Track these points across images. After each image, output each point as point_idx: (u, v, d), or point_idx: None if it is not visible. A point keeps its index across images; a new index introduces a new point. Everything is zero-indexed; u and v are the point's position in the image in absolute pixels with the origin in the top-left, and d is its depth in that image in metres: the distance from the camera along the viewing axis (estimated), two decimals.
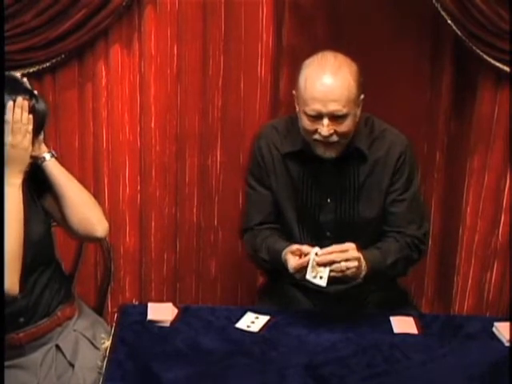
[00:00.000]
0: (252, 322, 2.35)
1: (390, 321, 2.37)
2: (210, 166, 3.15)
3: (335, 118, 2.32)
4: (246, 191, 2.64)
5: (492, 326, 2.34)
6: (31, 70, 2.86)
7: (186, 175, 3.16)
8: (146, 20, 2.93)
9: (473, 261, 3.10)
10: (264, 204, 2.57)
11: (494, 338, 2.31)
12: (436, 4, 2.75)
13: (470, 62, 2.91)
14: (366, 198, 2.49)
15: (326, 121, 2.33)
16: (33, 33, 2.79)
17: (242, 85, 3.05)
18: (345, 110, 2.32)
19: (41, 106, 2.15)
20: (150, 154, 3.10)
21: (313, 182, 2.51)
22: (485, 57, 2.79)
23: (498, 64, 2.79)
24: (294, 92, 2.43)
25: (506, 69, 2.79)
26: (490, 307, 3.15)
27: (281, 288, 2.63)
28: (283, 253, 2.36)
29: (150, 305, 2.39)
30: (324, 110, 2.31)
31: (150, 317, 2.33)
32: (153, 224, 3.19)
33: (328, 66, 2.33)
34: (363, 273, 2.34)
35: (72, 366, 2.20)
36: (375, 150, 2.47)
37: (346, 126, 2.35)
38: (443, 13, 2.76)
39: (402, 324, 2.36)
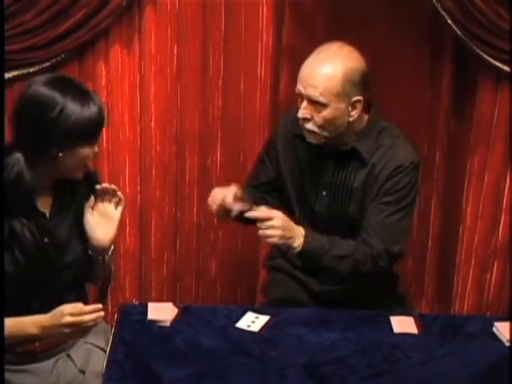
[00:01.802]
0: (252, 321, 2.35)
1: (390, 320, 2.37)
2: (210, 165, 3.16)
3: (313, 103, 2.35)
4: (258, 157, 2.71)
5: (492, 325, 2.34)
6: (31, 70, 2.85)
7: (186, 175, 3.16)
8: (146, 20, 2.93)
9: (473, 261, 3.09)
10: (266, 172, 2.63)
11: (494, 337, 2.31)
12: (436, 4, 2.75)
13: (470, 62, 2.91)
14: (358, 201, 2.49)
15: (304, 103, 2.37)
16: (33, 32, 2.79)
17: (242, 85, 3.05)
18: (322, 99, 2.33)
19: (92, 110, 2.02)
20: (150, 154, 3.10)
21: (314, 170, 2.53)
22: (485, 56, 2.79)
23: (498, 64, 2.79)
24: None
25: (506, 68, 2.79)
26: (490, 307, 3.15)
27: (282, 285, 2.65)
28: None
29: (150, 304, 2.39)
30: (303, 91, 2.36)
31: (150, 316, 2.33)
32: (153, 224, 3.19)
33: (323, 54, 2.37)
34: (295, 244, 2.35)
35: (82, 372, 2.20)
36: (377, 158, 2.45)
37: (322, 117, 2.36)
38: (443, 13, 2.75)
39: (402, 324, 2.36)
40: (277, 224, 2.30)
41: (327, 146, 2.46)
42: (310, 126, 2.39)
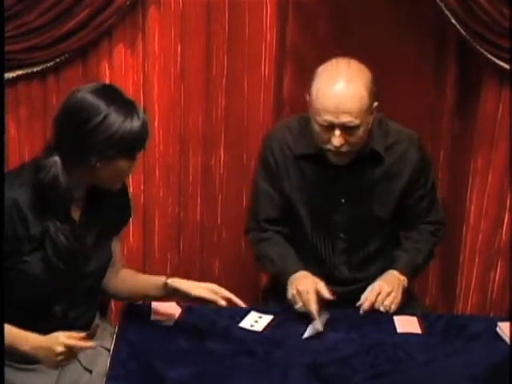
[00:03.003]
0: (256, 321, 2.35)
1: (393, 320, 2.37)
2: (214, 165, 3.16)
3: (347, 128, 2.30)
4: (255, 191, 2.63)
5: (496, 325, 2.34)
6: (35, 70, 2.86)
7: (190, 175, 3.16)
8: (150, 20, 2.93)
9: (476, 260, 3.09)
10: (273, 202, 2.56)
11: (498, 338, 2.31)
12: (440, 3, 2.75)
13: (474, 62, 2.91)
14: (379, 197, 2.49)
15: (337, 132, 2.31)
16: (36, 32, 2.79)
17: (245, 84, 3.05)
18: (357, 121, 2.29)
19: (135, 124, 2.01)
20: (153, 154, 3.10)
21: (327, 184, 2.50)
22: (489, 56, 2.78)
23: (501, 63, 2.78)
24: (307, 97, 2.39)
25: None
26: (493, 307, 3.15)
27: (284, 287, 2.64)
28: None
29: (153, 304, 2.39)
30: (336, 121, 2.29)
31: (153, 316, 2.33)
32: (156, 223, 3.19)
33: (340, 77, 2.30)
34: (406, 284, 2.50)
35: (89, 371, 2.19)
36: (393, 152, 2.47)
37: (357, 136, 2.34)
38: (447, 12, 2.75)
39: (406, 323, 2.35)
40: (386, 290, 2.41)
41: None
42: (345, 148, 2.35)
